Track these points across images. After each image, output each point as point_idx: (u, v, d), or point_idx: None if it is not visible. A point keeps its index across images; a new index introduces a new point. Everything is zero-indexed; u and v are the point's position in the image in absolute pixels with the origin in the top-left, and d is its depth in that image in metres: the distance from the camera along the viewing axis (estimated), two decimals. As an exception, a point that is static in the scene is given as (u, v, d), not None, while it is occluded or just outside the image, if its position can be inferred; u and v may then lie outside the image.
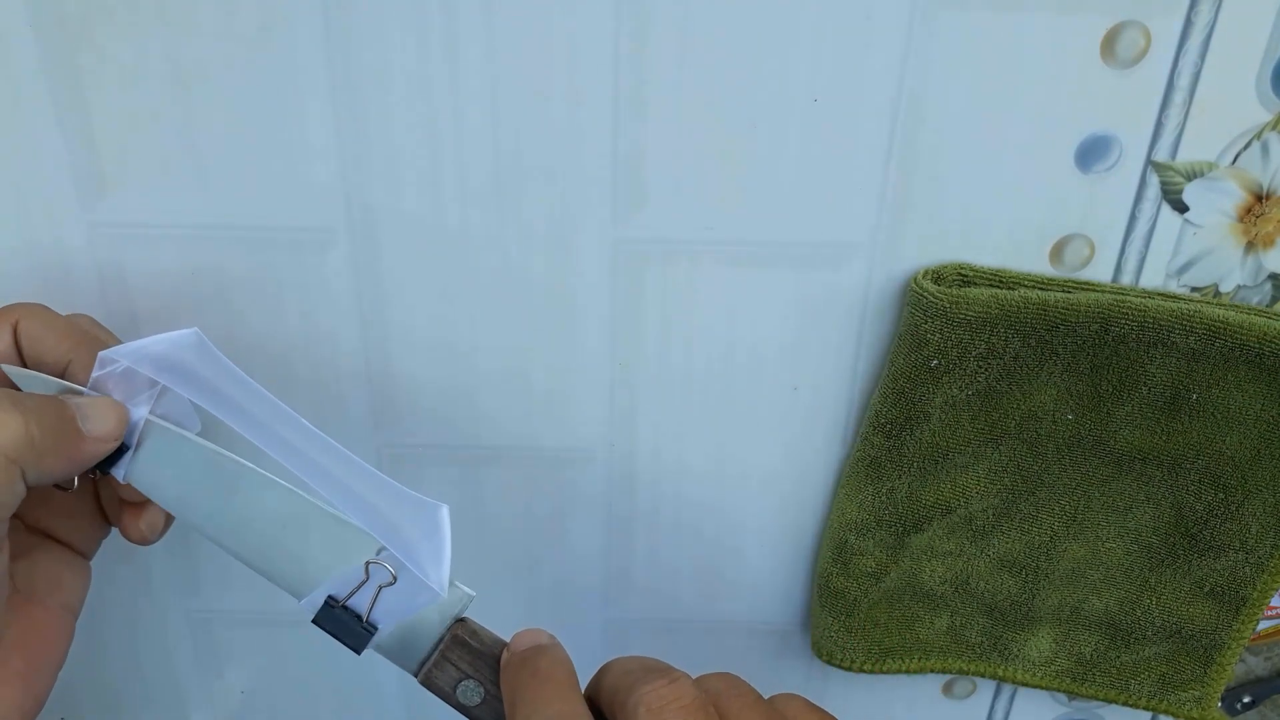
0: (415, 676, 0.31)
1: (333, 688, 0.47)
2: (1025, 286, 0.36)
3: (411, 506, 0.29)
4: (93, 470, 0.29)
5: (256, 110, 0.33)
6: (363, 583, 0.29)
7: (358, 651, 0.30)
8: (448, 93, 0.33)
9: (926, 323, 0.35)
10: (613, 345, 0.38)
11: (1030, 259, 0.36)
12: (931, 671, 0.43)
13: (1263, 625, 0.47)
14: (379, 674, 0.46)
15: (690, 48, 0.32)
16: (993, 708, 0.48)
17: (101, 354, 0.30)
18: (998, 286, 0.36)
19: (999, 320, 0.35)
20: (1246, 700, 0.49)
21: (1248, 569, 0.39)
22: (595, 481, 0.41)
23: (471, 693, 0.30)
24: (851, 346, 0.38)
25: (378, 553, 0.29)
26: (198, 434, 0.31)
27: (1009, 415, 0.37)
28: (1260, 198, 0.35)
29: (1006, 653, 0.43)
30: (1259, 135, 0.34)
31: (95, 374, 0.30)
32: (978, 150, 0.34)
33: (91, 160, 0.34)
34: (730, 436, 0.40)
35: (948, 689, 0.47)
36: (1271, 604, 0.41)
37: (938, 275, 0.36)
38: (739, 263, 0.36)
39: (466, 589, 0.30)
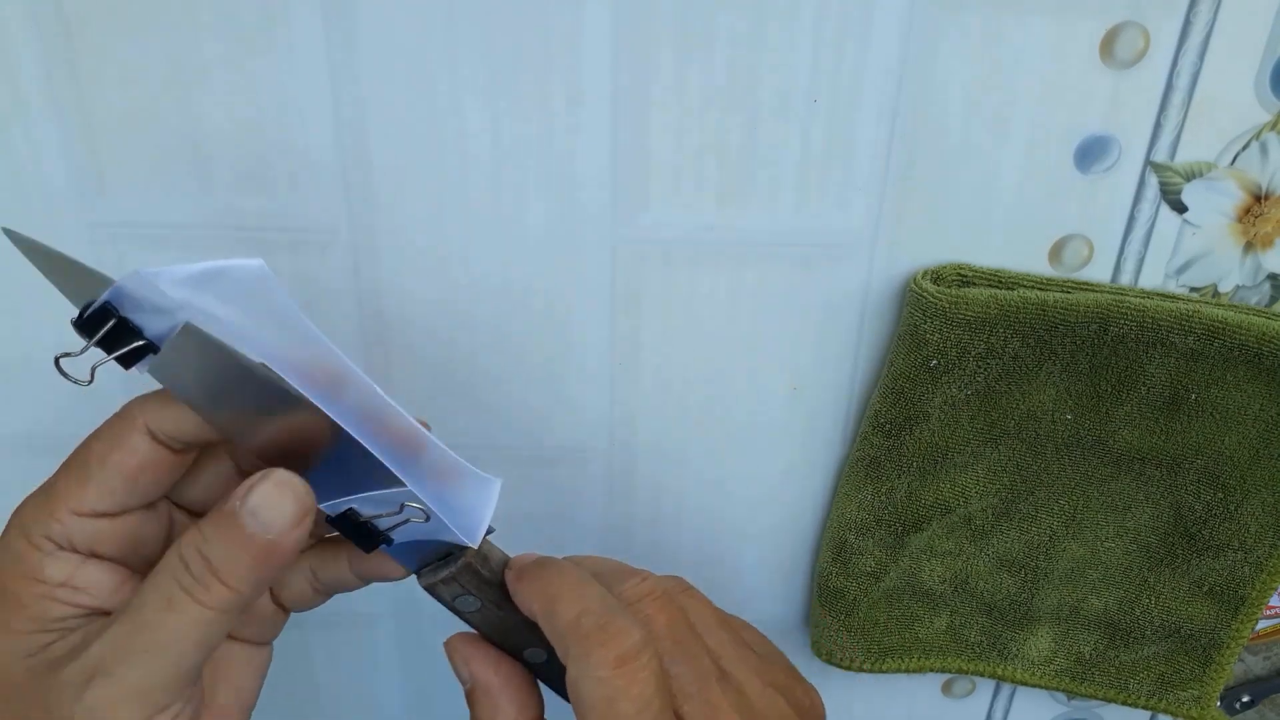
0: (416, 576, 0.30)
1: (333, 687, 0.46)
2: (1024, 286, 0.36)
3: (468, 478, 0.28)
4: (125, 361, 0.24)
5: (256, 110, 0.33)
6: (393, 514, 0.27)
7: (366, 551, 0.29)
8: (448, 92, 0.33)
9: (926, 323, 0.35)
10: (613, 345, 0.38)
11: (1029, 259, 0.36)
12: (931, 671, 0.44)
13: (1262, 625, 0.47)
14: (379, 674, 0.46)
15: (690, 47, 0.32)
16: (992, 707, 0.48)
17: (140, 272, 0.23)
18: (997, 286, 0.36)
19: (998, 320, 0.35)
20: (1245, 700, 0.50)
21: (1246, 568, 0.39)
22: (595, 481, 0.41)
23: (469, 604, 0.30)
24: (851, 346, 0.38)
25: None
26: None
27: (1008, 415, 0.37)
28: (1259, 198, 0.35)
29: (1006, 652, 0.43)
30: (1258, 135, 0.34)
31: (121, 285, 0.23)
32: (978, 150, 0.34)
33: (91, 160, 0.34)
34: (730, 436, 0.40)
35: (947, 688, 0.47)
36: (1270, 604, 0.41)
37: (937, 275, 0.36)
38: (739, 263, 0.36)
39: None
